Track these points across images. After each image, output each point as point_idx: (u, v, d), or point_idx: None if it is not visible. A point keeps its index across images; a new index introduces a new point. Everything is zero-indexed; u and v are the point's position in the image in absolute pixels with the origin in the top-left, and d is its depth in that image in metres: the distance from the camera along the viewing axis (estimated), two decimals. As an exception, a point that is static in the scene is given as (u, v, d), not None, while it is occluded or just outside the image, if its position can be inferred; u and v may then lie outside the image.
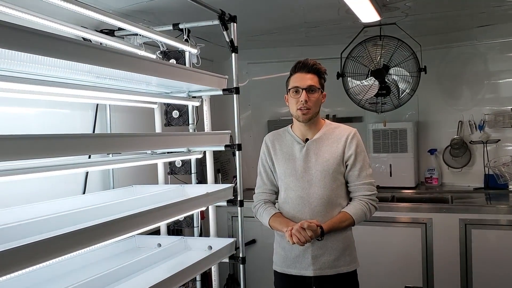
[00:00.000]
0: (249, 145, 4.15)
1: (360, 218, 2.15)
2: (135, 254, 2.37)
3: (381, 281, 3.39)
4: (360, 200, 2.18)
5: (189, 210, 2.36)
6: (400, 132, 4.01)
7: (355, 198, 2.20)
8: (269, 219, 2.23)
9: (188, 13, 2.61)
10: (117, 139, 1.88)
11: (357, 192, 2.20)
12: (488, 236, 3.23)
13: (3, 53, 1.34)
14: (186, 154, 2.66)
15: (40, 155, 1.45)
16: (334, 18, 3.34)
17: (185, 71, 2.39)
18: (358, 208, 2.16)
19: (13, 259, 1.27)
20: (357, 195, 2.20)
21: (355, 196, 2.21)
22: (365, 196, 2.18)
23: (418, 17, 3.41)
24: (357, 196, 2.20)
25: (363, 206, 2.16)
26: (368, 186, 2.20)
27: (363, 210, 2.16)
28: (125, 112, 2.93)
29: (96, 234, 1.61)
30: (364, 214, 2.16)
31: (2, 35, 1.26)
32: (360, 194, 2.19)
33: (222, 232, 3.51)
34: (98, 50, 1.75)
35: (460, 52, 4.10)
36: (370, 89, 3.64)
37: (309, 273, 2.18)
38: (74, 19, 2.17)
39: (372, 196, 2.20)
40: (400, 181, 4.00)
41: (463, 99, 4.12)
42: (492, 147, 3.98)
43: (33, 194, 2.11)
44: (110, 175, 2.68)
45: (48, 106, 2.35)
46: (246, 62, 4.36)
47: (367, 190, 2.19)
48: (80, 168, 1.98)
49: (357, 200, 2.19)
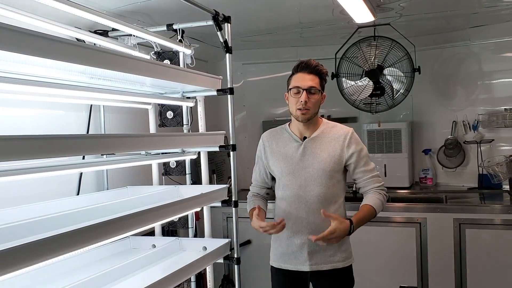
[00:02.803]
0: (244, 146, 4.16)
1: (379, 207, 2.22)
2: (129, 255, 2.36)
3: (376, 281, 3.40)
4: (375, 191, 2.25)
5: (183, 211, 2.35)
6: (394, 132, 4.03)
7: (369, 191, 2.27)
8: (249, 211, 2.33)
9: (182, 13, 2.60)
10: (111, 140, 1.87)
11: (368, 186, 2.27)
12: (482, 236, 3.25)
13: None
14: (181, 155, 2.66)
15: (34, 156, 1.44)
16: (329, 18, 3.35)
17: (179, 71, 2.39)
18: (376, 198, 2.23)
19: (6, 261, 1.26)
20: (368, 189, 2.27)
21: (366, 190, 2.28)
22: (377, 187, 2.26)
23: (412, 17, 3.43)
24: (370, 189, 2.26)
25: (379, 195, 2.24)
26: (376, 178, 2.28)
27: (381, 199, 2.23)
28: (119, 113, 2.92)
29: (90, 235, 1.60)
30: (381, 203, 2.23)
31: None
32: (371, 187, 2.26)
33: (217, 233, 3.49)
34: (92, 50, 1.74)
35: (454, 52, 4.12)
36: (364, 89, 3.65)
37: (306, 268, 2.23)
38: (67, 19, 2.16)
39: (382, 186, 2.28)
40: (394, 181, 4.01)
41: (457, 99, 4.14)
42: (486, 147, 4.00)
43: (27, 195, 2.09)
44: (104, 176, 2.67)
45: (42, 107, 2.34)
46: (241, 62, 4.37)
47: (377, 182, 2.27)
48: (74, 169, 1.98)
49: (372, 192, 2.25)
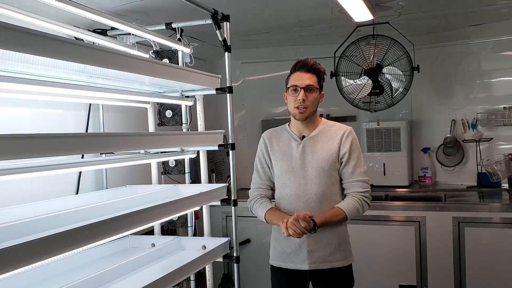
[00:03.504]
0: (243, 145, 4.16)
1: (352, 213, 2.18)
2: (129, 254, 2.36)
3: (375, 280, 3.40)
4: (353, 196, 2.21)
5: (182, 210, 2.35)
6: (393, 131, 4.03)
7: (349, 194, 2.24)
8: (265, 213, 2.26)
9: (181, 12, 2.60)
10: (110, 139, 1.87)
11: (351, 189, 2.24)
12: (481, 234, 3.26)
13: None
14: (180, 154, 2.66)
15: (33, 155, 1.44)
16: (328, 17, 3.35)
17: (178, 70, 2.39)
18: (350, 203, 2.19)
19: (5, 259, 1.26)
20: (350, 192, 2.23)
21: (348, 192, 2.24)
22: (358, 192, 2.21)
23: (411, 16, 3.42)
24: (351, 193, 2.23)
25: (356, 202, 2.19)
26: (362, 183, 2.23)
27: (356, 206, 2.18)
28: (118, 112, 2.92)
29: (90, 234, 1.60)
30: (356, 210, 2.19)
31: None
32: (353, 190, 2.22)
33: (216, 231, 3.50)
34: (90, 49, 1.73)
35: (453, 51, 4.12)
36: (363, 88, 3.65)
37: (305, 267, 2.22)
38: (66, 18, 2.16)
39: (365, 193, 2.23)
40: (393, 180, 4.02)
41: (456, 98, 4.14)
42: (485, 145, 4.00)
43: (26, 194, 2.09)
44: (103, 175, 2.67)
45: (40, 106, 2.33)
46: (239, 61, 4.36)
47: (361, 187, 2.22)
48: (73, 168, 1.98)
49: (350, 196, 2.22)
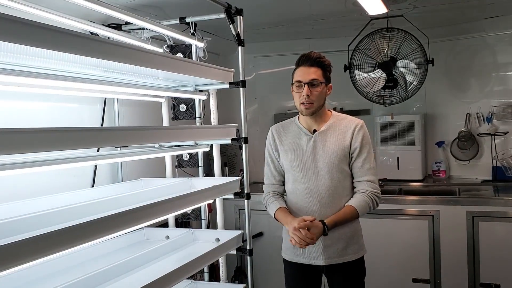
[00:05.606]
0: (255, 139, 4.16)
1: (364, 210, 2.17)
2: (144, 246, 2.39)
3: (388, 274, 3.40)
4: (363, 192, 2.19)
5: (196, 203, 2.37)
6: (407, 125, 4.00)
7: (359, 191, 2.21)
8: (274, 214, 2.26)
9: (195, 6, 2.61)
10: (125, 133, 1.89)
11: (359, 187, 2.22)
12: (495, 229, 3.23)
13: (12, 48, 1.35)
14: (193, 148, 2.68)
15: (50, 148, 1.46)
16: (341, 10, 3.33)
17: (192, 64, 2.40)
18: (361, 200, 2.17)
19: (24, 251, 1.29)
20: (360, 189, 2.21)
21: (358, 190, 2.22)
22: (369, 190, 2.19)
23: (426, 9, 3.39)
24: (361, 190, 2.21)
25: (366, 197, 2.17)
26: (371, 184, 2.20)
27: (367, 201, 2.17)
28: (132, 106, 2.94)
29: (105, 226, 1.63)
30: (368, 205, 2.17)
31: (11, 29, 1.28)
32: (363, 188, 2.20)
33: (229, 224, 3.52)
34: (107, 44, 1.75)
35: (468, 44, 4.07)
36: (377, 81, 3.63)
37: (321, 262, 2.21)
38: (81, 13, 2.18)
39: (375, 192, 2.20)
40: (407, 174, 4.00)
41: (471, 91, 4.10)
42: (500, 139, 3.96)
43: (43, 187, 2.13)
44: (119, 168, 2.70)
45: (56, 101, 2.37)
46: (252, 55, 4.36)
47: (370, 187, 2.20)
48: (89, 161, 2.01)
49: (360, 193, 2.20)
